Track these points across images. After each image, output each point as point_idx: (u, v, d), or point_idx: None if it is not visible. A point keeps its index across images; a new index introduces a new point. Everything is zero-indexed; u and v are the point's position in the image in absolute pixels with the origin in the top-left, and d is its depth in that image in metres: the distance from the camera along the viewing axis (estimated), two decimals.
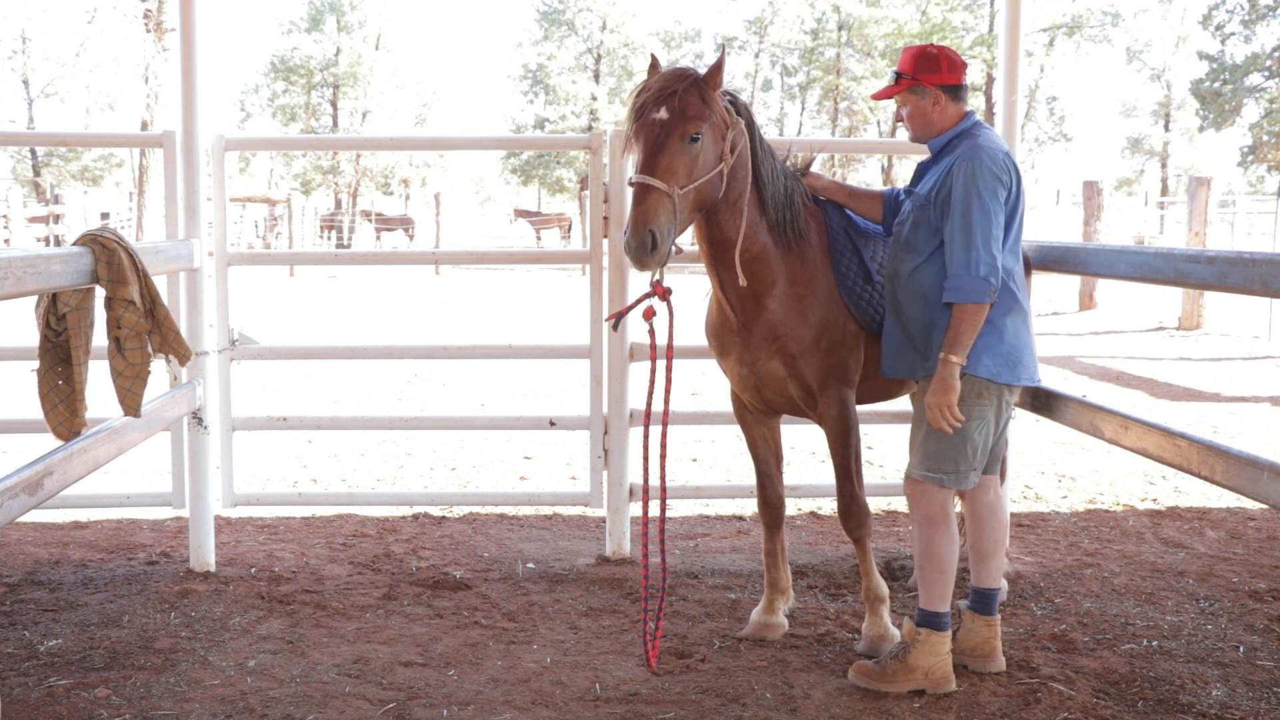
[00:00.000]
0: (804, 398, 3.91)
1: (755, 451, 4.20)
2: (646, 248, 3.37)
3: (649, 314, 3.75)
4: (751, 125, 3.73)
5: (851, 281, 3.88)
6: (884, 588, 4.01)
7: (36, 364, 3.44)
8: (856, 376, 3.94)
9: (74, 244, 3.48)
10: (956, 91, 3.67)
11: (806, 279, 3.84)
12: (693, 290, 4.79)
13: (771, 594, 4.16)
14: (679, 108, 3.49)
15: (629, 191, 4.95)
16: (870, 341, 3.95)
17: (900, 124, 3.82)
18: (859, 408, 4.08)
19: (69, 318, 3.42)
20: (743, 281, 3.74)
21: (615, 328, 4.64)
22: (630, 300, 4.73)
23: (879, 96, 3.83)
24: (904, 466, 7.02)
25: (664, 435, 3.92)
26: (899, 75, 3.71)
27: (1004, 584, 4.33)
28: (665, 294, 3.69)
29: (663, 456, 3.95)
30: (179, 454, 4.91)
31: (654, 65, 3.71)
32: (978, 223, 3.44)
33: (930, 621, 3.61)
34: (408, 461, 7.22)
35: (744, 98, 3.89)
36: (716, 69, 3.57)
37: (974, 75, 43.73)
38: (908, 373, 3.72)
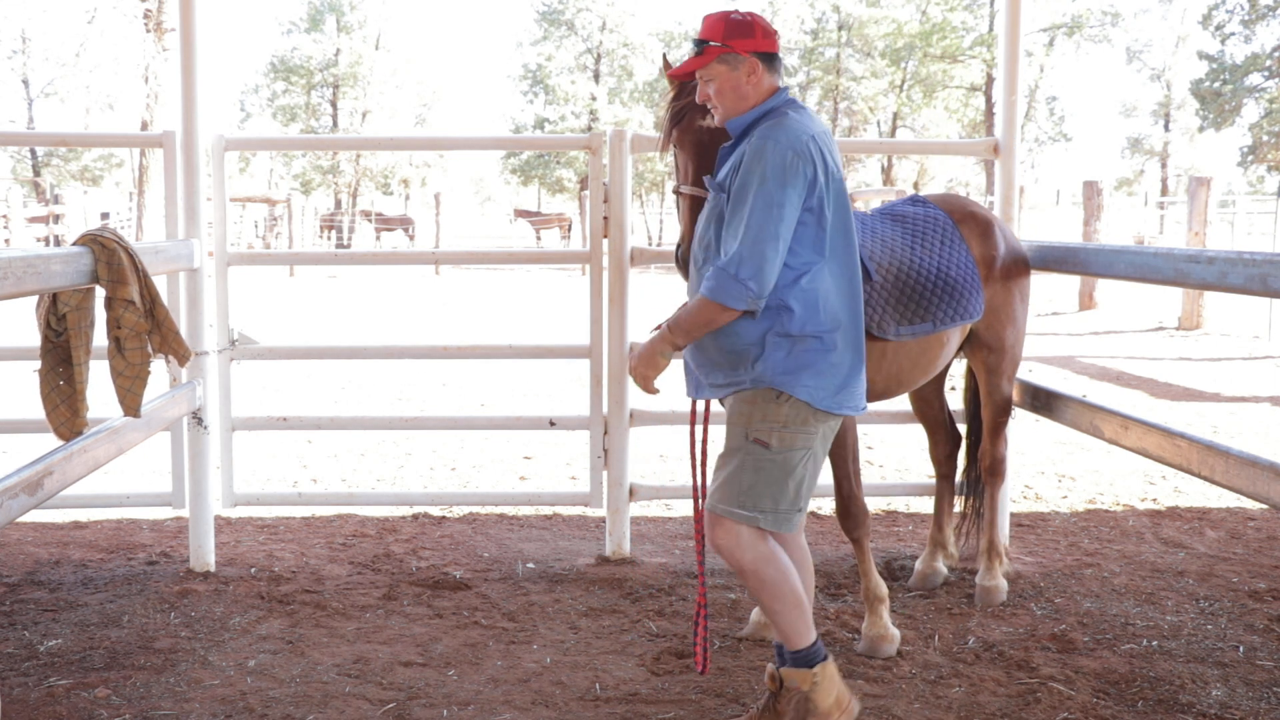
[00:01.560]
0: None
1: None
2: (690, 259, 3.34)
3: None
4: None
5: None
6: (883, 588, 4.01)
7: (39, 364, 3.44)
8: None
9: (74, 244, 3.48)
10: (772, 61, 3.16)
11: None
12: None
13: None
14: (694, 117, 3.49)
15: (628, 193, 4.96)
16: (869, 341, 3.94)
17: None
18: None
19: (69, 318, 3.42)
20: None
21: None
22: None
23: (681, 73, 3.27)
24: (903, 466, 7.07)
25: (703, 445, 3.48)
26: (704, 44, 3.13)
27: (1003, 583, 4.29)
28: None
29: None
30: (179, 454, 4.91)
31: (666, 64, 3.70)
32: (754, 215, 2.93)
33: (808, 659, 3.18)
34: (408, 461, 7.22)
35: None
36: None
37: (974, 75, 43.77)
38: (710, 391, 3.21)
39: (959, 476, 4.90)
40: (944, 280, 4.08)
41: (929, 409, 4.84)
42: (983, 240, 4.34)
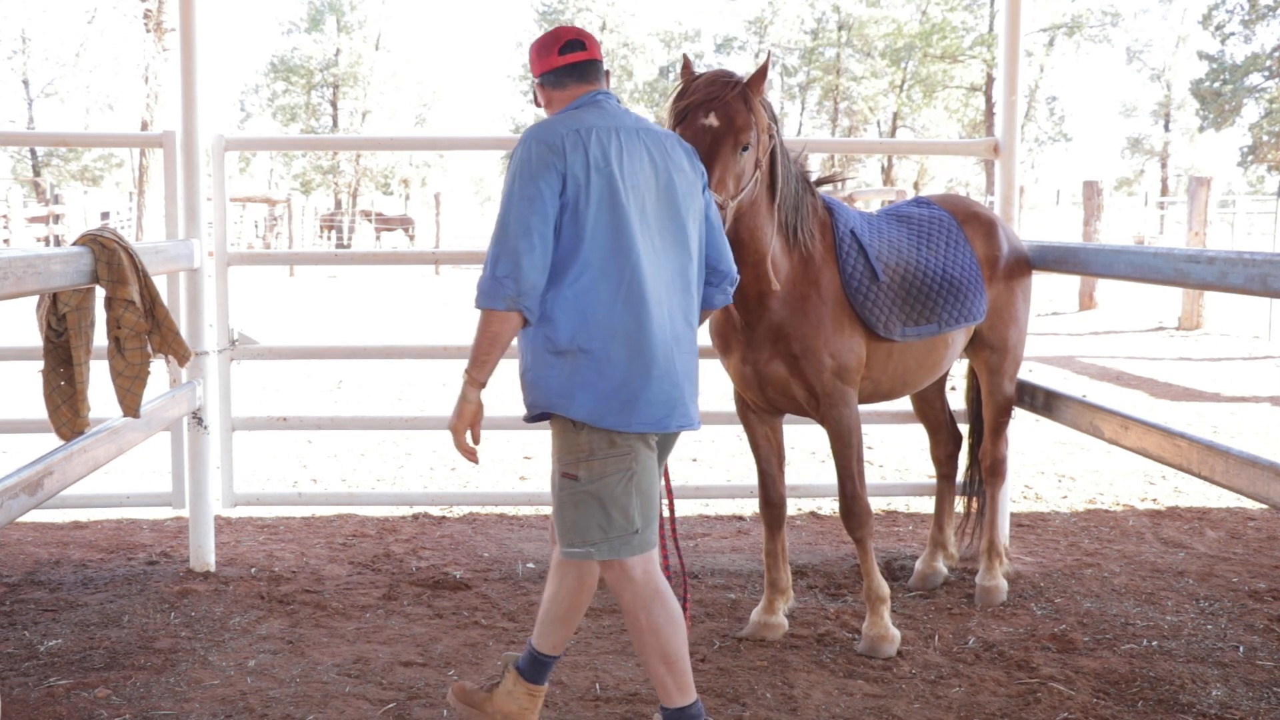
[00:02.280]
0: (807, 398, 3.91)
1: (757, 451, 4.20)
2: None
3: None
4: (776, 127, 3.74)
5: (857, 282, 3.88)
6: (885, 588, 4.01)
7: (42, 364, 3.44)
8: (859, 377, 3.95)
9: (74, 244, 3.48)
10: (555, 76, 3.05)
11: (811, 280, 3.84)
12: None
13: (771, 594, 4.16)
14: (728, 115, 3.43)
15: None
16: (874, 342, 3.95)
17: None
18: (862, 407, 4.08)
19: (69, 318, 3.42)
20: (775, 286, 3.75)
21: None
22: None
23: (541, 104, 3.22)
24: (903, 466, 7.07)
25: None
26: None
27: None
28: None
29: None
30: (179, 454, 4.91)
31: (687, 65, 3.68)
32: (507, 211, 2.82)
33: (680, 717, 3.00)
34: (408, 461, 7.22)
35: None
36: (761, 76, 3.55)
37: (974, 75, 43.77)
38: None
39: (960, 476, 4.90)
40: (949, 281, 4.08)
41: (930, 409, 4.84)
42: (986, 241, 4.35)
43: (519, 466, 7.11)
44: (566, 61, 3.04)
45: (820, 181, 4.06)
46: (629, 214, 2.85)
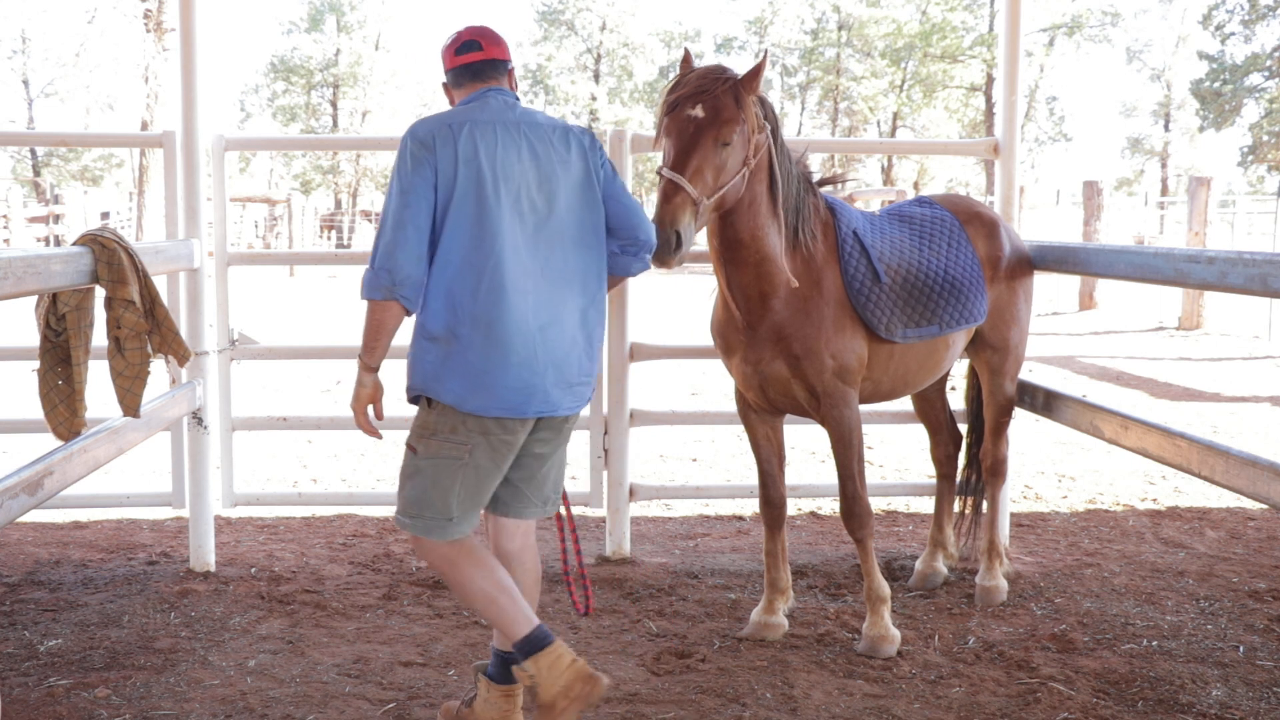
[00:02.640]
0: (808, 399, 3.91)
1: (758, 451, 4.20)
2: (670, 247, 3.37)
3: None
4: (776, 128, 3.75)
5: (859, 284, 3.88)
6: (886, 588, 4.01)
7: (37, 364, 3.44)
8: (860, 378, 3.95)
9: (74, 244, 3.47)
10: (455, 77, 3.20)
11: (813, 280, 3.84)
12: (696, 290, 4.79)
13: (771, 594, 4.16)
14: (714, 109, 3.47)
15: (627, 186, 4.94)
16: (875, 343, 3.95)
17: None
18: (862, 408, 4.08)
19: (69, 318, 3.42)
20: (794, 283, 3.77)
21: None
22: None
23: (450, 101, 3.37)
24: (903, 466, 7.07)
25: None
26: None
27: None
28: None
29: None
30: (179, 454, 4.91)
31: (687, 59, 3.70)
32: (387, 208, 2.98)
33: (528, 647, 3.06)
34: None
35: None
36: (755, 73, 3.57)
37: (974, 75, 43.75)
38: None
39: (960, 476, 4.90)
40: (950, 282, 4.08)
41: (930, 409, 4.84)
42: (988, 241, 4.35)
43: None
44: (461, 62, 3.19)
45: (823, 182, 4.06)
46: (495, 206, 2.97)
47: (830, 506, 6.07)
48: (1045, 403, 4.65)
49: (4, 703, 3.48)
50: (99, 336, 3.54)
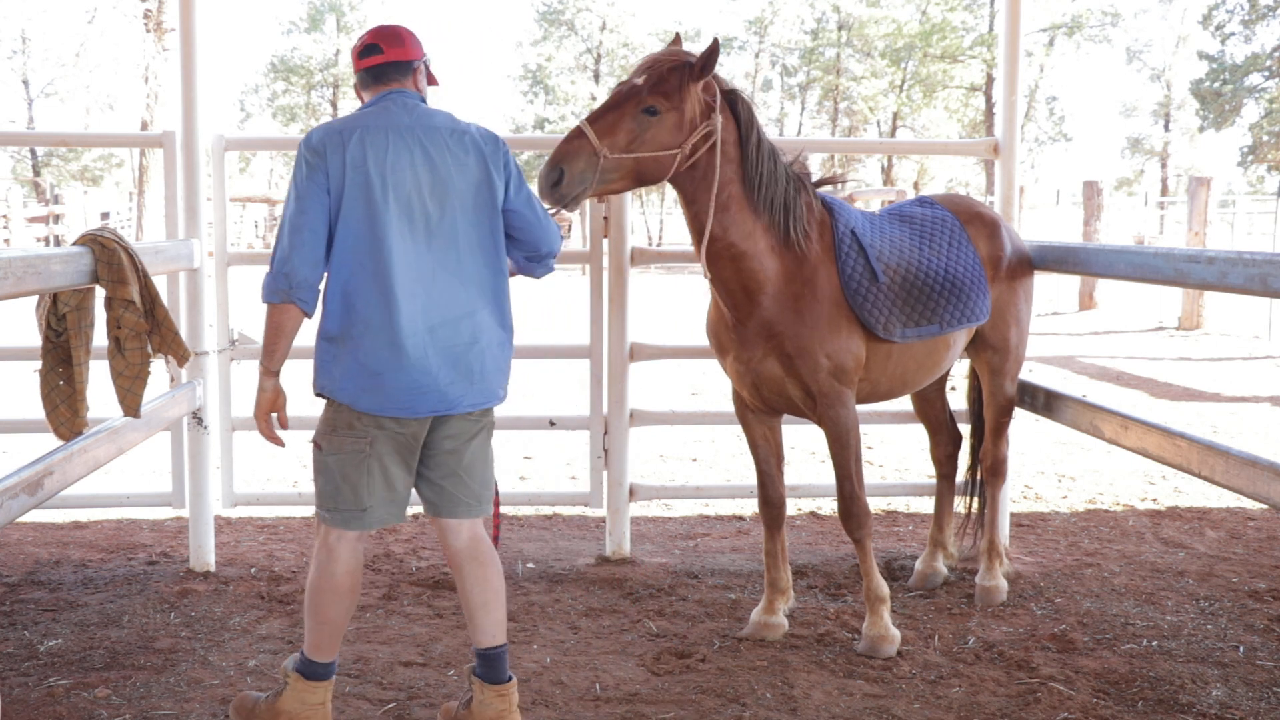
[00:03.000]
0: (804, 399, 3.91)
1: (756, 451, 4.20)
2: (549, 181, 3.47)
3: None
4: (748, 125, 3.74)
5: (856, 283, 3.87)
6: (884, 588, 4.01)
7: (39, 364, 3.44)
8: (857, 377, 3.95)
9: (74, 244, 3.48)
10: (360, 79, 3.29)
11: (805, 278, 3.84)
12: (696, 290, 4.79)
13: (771, 594, 4.16)
14: (652, 80, 3.56)
15: (628, 193, 4.96)
16: (873, 342, 3.95)
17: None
18: (861, 407, 4.08)
19: (69, 318, 3.42)
20: (765, 284, 3.78)
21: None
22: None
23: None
24: (903, 466, 7.07)
25: None
26: None
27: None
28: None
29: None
30: (179, 454, 4.91)
31: (676, 40, 3.75)
32: (284, 214, 3.10)
33: (303, 668, 3.22)
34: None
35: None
36: (702, 57, 3.61)
37: (974, 75, 43.75)
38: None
39: (960, 476, 4.90)
40: (951, 282, 4.08)
41: (931, 409, 4.84)
42: (990, 241, 4.34)
43: (519, 466, 7.11)
44: (364, 65, 3.26)
45: (820, 182, 4.05)
46: (384, 211, 3.04)
47: (830, 506, 6.07)
48: (1046, 402, 4.65)
49: (4, 703, 3.48)
50: (99, 336, 3.54)
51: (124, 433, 3.88)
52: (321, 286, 3.12)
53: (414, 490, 3.27)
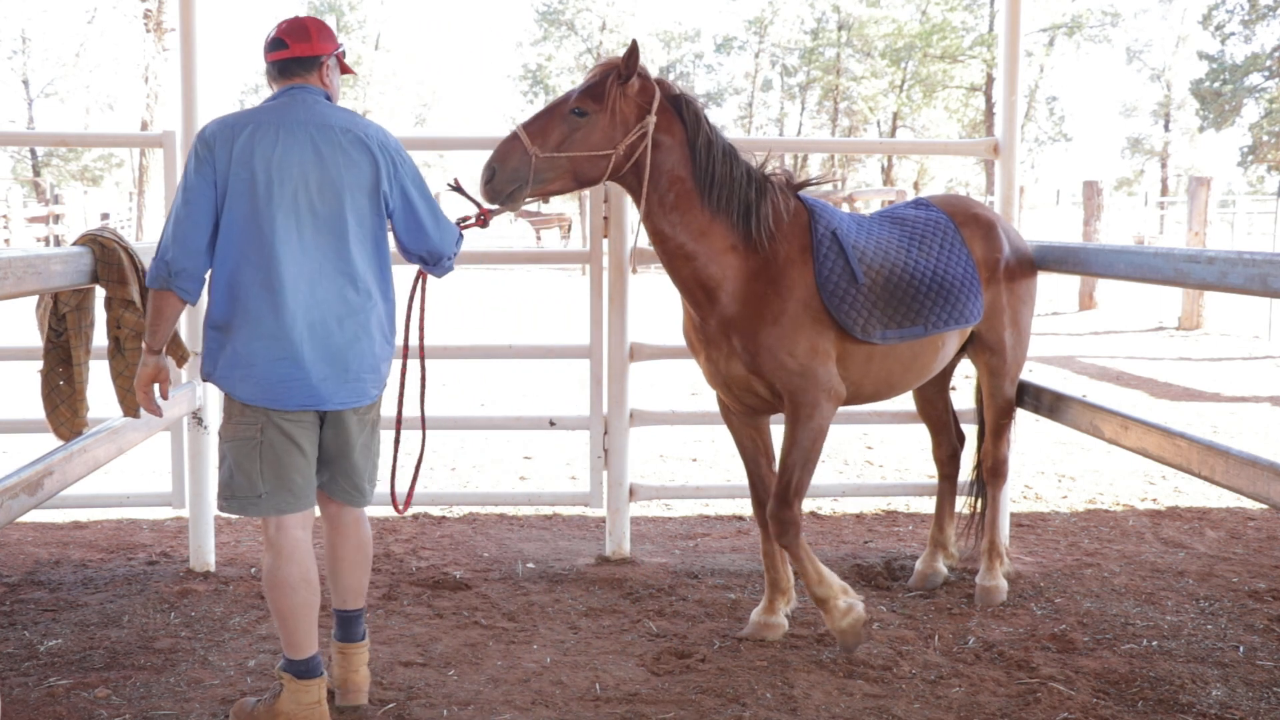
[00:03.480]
0: (773, 398, 3.93)
1: (743, 451, 4.20)
2: (483, 179, 3.65)
3: (462, 223, 3.75)
4: (694, 127, 3.79)
5: (834, 284, 3.85)
6: (828, 587, 3.95)
7: (40, 365, 3.44)
8: (831, 381, 3.90)
9: (74, 244, 3.48)
10: (268, 71, 3.39)
11: (770, 278, 3.83)
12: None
13: (772, 594, 4.16)
14: (584, 86, 3.72)
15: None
16: (851, 344, 3.92)
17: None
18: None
19: (69, 318, 3.42)
20: (718, 282, 3.82)
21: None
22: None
23: None
24: (904, 466, 7.07)
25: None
26: None
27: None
28: (483, 222, 3.79)
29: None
30: (179, 454, 4.91)
31: (633, 47, 3.76)
32: (173, 205, 3.22)
33: (290, 668, 3.30)
34: (407, 461, 7.20)
35: (743, 98, 3.87)
36: (623, 61, 3.71)
37: (974, 75, 43.76)
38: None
39: (966, 476, 4.89)
40: (939, 283, 4.05)
41: (933, 409, 4.84)
42: (985, 242, 4.33)
43: (519, 466, 7.11)
44: (270, 59, 3.35)
45: (802, 184, 4.05)
46: (267, 206, 3.12)
47: (830, 506, 6.07)
48: (1045, 403, 4.65)
49: (4, 703, 3.48)
50: (99, 336, 3.54)
51: (124, 433, 3.88)
52: (209, 276, 3.23)
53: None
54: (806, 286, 3.85)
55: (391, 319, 3.40)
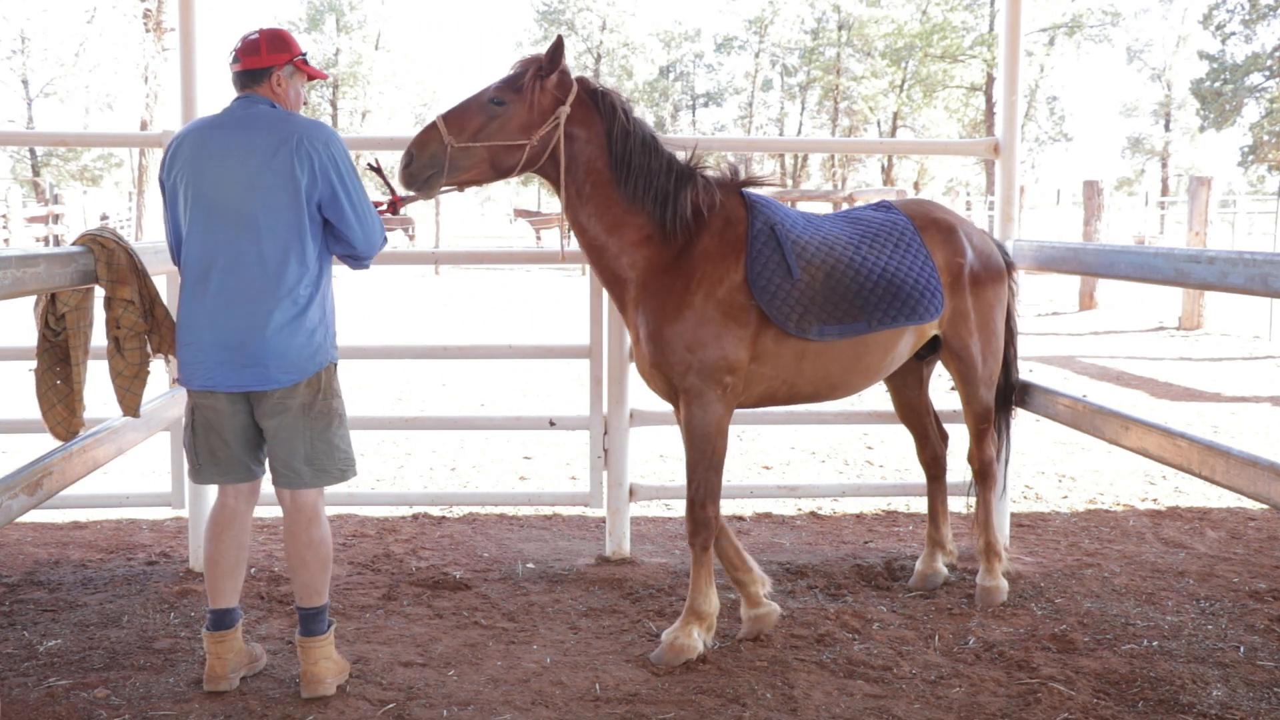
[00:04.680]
0: (668, 392, 3.99)
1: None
2: (401, 165, 3.77)
3: (379, 208, 3.83)
4: (610, 118, 3.84)
5: (766, 279, 3.83)
6: (710, 606, 3.93)
7: (34, 364, 3.44)
8: (729, 379, 3.86)
9: (74, 244, 3.48)
10: (232, 81, 3.64)
11: (683, 271, 3.83)
12: None
13: (743, 591, 4.15)
14: (506, 78, 3.83)
15: None
16: (780, 341, 3.89)
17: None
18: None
19: (68, 318, 3.42)
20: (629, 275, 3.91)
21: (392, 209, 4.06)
22: None
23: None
24: (903, 466, 7.07)
25: None
26: None
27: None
28: (394, 209, 3.93)
29: None
30: (179, 454, 4.91)
31: (558, 41, 3.85)
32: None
33: (211, 621, 3.63)
34: (408, 461, 7.22)
35: (743, 97, 3.87)
36: (547, 55, 3.81)
37: (974, 75, 43.78)
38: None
39: (963, 476, 4.88)
40: (888, 281, 4.01)
41: (913, 414, 4.79)
42: (946, 246, 4.28)
43: (519, 466, 7.11)
44: (231, 71, 3.60)
45: (746, 182, 4.04)
46: (191, 205, 3.43)
47: (830, 507, 6.07)
48: (1045, 402, 4.65)
49: (4, 703, 3.48)
50: (98, 336, 3.54)
51: (123, 433, 3.88)
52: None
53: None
54: (731, 282, 3.84)
55: (320, 310, 3.57)
